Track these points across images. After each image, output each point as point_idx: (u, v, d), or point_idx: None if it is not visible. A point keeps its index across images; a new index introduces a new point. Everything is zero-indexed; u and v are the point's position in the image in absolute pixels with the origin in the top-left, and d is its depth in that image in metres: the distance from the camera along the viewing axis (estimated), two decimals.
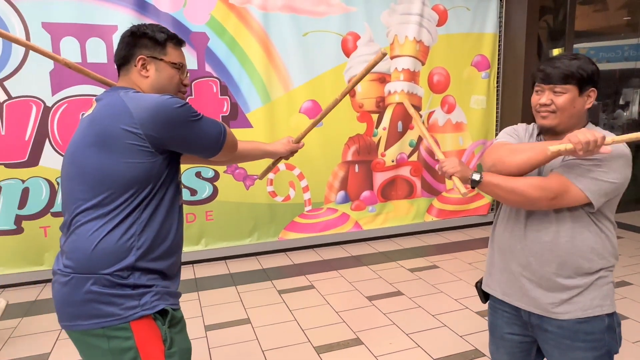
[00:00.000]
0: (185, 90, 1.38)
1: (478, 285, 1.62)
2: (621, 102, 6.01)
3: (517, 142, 1.46)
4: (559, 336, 1.37)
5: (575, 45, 5.79)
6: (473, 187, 1.37)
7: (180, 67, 1.32)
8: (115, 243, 1.16)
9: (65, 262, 1.19)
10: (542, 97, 1.34)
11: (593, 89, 1.32)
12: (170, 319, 1.23)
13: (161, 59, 1.29)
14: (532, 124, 1.51)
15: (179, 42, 1.34)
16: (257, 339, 2.66)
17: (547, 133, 1.41)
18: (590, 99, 1.33)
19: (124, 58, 1.30)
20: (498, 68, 4.78)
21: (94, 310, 1.15)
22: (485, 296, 1.59)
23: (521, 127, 1.53)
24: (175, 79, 1.32)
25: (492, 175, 1.35)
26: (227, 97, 3.86)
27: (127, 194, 1.17)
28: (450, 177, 1.40)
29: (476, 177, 1.35)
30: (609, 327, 1.35)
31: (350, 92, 4.23)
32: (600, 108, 5.95)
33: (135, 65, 1.27)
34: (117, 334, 1.15)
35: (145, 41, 1.28)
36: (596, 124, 1.47)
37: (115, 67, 1.33)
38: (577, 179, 1.26)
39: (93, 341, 1.17)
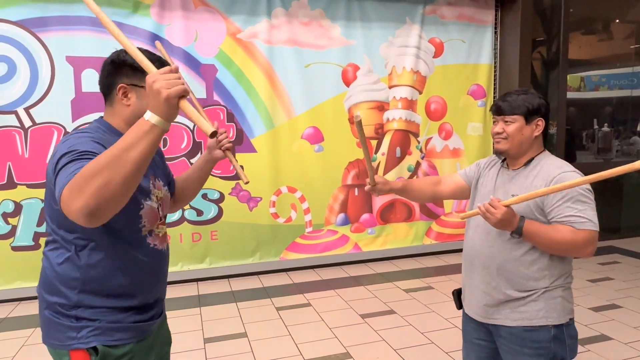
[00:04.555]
0: None
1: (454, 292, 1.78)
2: (639, 128, 6.13)
3: (471, 173, 1.75)
4: (510, 342, 1.52)
5: (583, 74, 5.98)
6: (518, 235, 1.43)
7: None
8: (60, 276, 1.20)
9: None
10: (496, 126, 1.55)
11: (540, 118, 1.52)
12: (103, 357, 1.20)
13: (142, 86, 1.22)
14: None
15: (160, 66, 1.20)
16: (252, 351, 2.81)
17: (507, 158, 1.61)
18: (539, 127, 1.52)
19: (106, 87, 1.27)
20: (494, 97, 4.98)
21: (48, 330, 1.24)
22: (460, 304, 1.75)
23: (484, 160, 1.75)
24: None
25: (532, 224, 1.41)
26: (233, 123, 4.12)
27: (66, 233, 1.18)
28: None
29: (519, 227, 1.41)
30: (555, 338, 1.47)
31: (350, 118, 4.48)
32: (612, 135, 6.07)
33: (117, 94, 1.24)
34: (62, 357, 1.23)
35: (125, 69, 1.23)
36: (608, 150, 1.67)
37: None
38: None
39: (53, 355, 1.27)
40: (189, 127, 3.99)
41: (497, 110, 1.55)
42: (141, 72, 1.19)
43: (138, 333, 1.27)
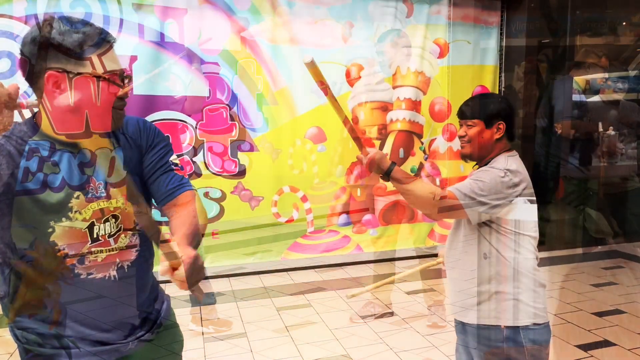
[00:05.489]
0: (121, 105, 1.04)
1: None
2: None
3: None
4: (471, 337, 1.60)
5: (588, 76, 5.92)
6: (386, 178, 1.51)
7: (108, 77, 0.99)
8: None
9: None
10: (460, 130, 1.62)
11: (501, 122, 1.55)
12: None
13: (79, 73, 0.96)
14: None
15: (102, 42, 0.98)
16: (251, 351, 2.79)
17: (476, 163, 1.65)
18: (500, 130, 1.56)
19: (31, 75, 0.97)
20: None
21: None
22: None
23: None
24: (102, 95, 1.00)
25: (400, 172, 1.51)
26: (235, 122, 4.11)
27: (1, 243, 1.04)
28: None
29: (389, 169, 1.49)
30: (509, 339, 1.50)
31: (353, 118, 4.45)
32: (617, 138, 6.02)
33: (46, 84, 0.96)
34: None
35: (52, 51, 0.94)
36: (613, 153, 1.74)
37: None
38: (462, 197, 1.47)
39: None
40: (191, 125, 3.98)
41: (460, 114, 1.62)
42: (76, 54, 0.95)
43: (106, 356, 1.12)
